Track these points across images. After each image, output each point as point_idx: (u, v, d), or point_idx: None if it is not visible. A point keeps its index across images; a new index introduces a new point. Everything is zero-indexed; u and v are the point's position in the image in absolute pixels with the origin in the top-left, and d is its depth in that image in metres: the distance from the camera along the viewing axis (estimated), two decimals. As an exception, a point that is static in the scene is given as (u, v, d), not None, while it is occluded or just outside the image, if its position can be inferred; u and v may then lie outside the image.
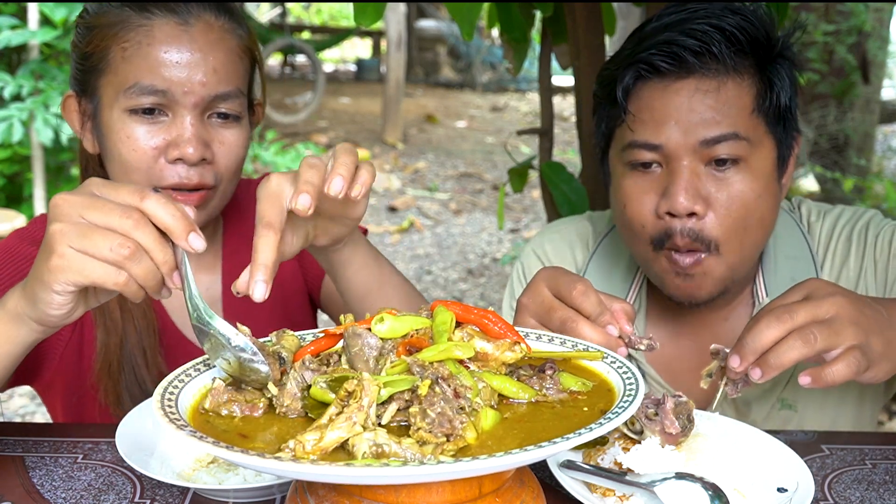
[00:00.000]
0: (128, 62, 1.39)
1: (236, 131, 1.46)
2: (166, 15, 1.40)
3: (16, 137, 4.95)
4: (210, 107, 1.42)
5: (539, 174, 2.47)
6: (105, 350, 1.50)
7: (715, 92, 1.33)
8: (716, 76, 1.33)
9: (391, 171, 9.35)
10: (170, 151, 1.40)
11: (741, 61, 1.35)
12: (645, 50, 1.35)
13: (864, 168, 6.61)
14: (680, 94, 1.34)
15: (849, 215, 1.55)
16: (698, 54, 1.33)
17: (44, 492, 1.15)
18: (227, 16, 1.45)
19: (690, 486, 1.02)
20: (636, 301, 1.58)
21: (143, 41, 1.39)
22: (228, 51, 1.43)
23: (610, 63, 1.45)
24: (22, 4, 5.46)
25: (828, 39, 6.45)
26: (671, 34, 1.34)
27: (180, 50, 1.39)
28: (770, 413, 1.50)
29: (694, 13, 1.35)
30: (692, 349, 1.55)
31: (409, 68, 13.65)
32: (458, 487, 0.85)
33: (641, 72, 1.36)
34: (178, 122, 1.40)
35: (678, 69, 1.33)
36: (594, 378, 0.99)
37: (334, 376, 0.88)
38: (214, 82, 1.41)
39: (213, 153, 1.43)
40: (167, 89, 1.38)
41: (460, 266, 6.65)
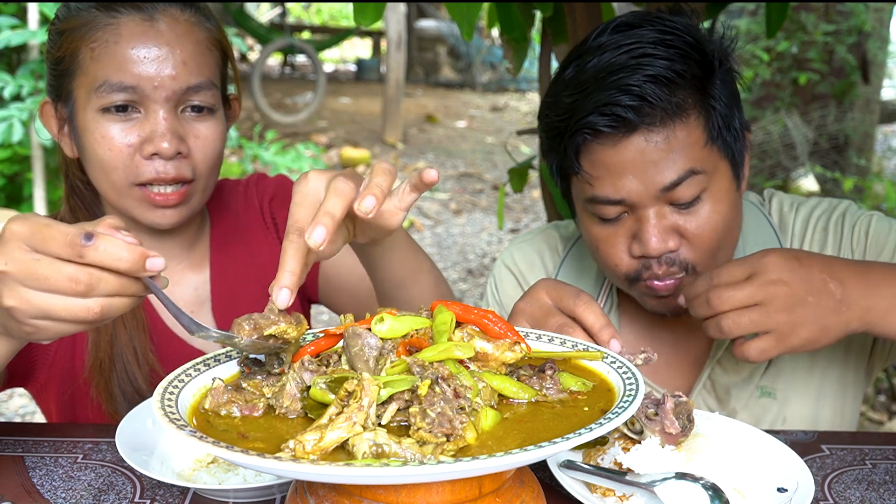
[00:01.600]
0: (97, 61, 1.40)
1: (211, 124, 1.47)
2: (132, 12, 1.41)
3: (16, 137, 4.95)
4: (182, 100, 1.43)
5: (539, 174, 2.47)
6: (96, 348, 1.50)
7: (664, 140, 1.32)
8: (662, 125, 1.32)
9: (391, 171, 9.34)
10: (145, 147, 1.41)
11: (682, 100, 1.32)
12: (585, 113, 1.32)
13: (864, 168, 6.61)
14: (630, 150, 1.32)
15: (824, 206, 1.57)
16: (639, 111, 1.30)
17: (44, 492, 1.15)
18: (192, 10, 1.46)
19: (690, 486, 1.02)
20: (607, 302, 1.61)
21: (109, 39, 1.40)
22: (196, 43, 1.44)
23: (549, 110, 1.42)
24: (22, 4, 5.46)
25: (828, 39, 6.45)
26: (609, 93, 1.30)
27: (147, 45, 1.40)
28: (749, 401, 1.52)
29: (624, 56, 1.32)
30: (669, 342, 1.58)
31: (409, 68, 13.66)
32: (458, 487, 0.85)
33: (587, 135, 1.34)
34: (152, 117, 1.41)
35: (623, 128, 1.32)
36: (594, 378, 0.99)
37: (334, 377, 0.88)
38: (185, 74, 1.41)
39: (189, 147, 1.44)
40: (136, 85, 1.39)
41: (460, 266, 6.65)
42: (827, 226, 1.54)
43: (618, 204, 1.36)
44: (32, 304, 0.92)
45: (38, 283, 0.91)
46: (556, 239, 1.71)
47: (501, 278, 1.71)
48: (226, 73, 1.55)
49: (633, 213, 1.37)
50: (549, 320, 1.22)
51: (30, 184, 5.65)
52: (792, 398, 1.51)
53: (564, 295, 1.23)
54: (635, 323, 1.60)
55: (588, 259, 1.66)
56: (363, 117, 12.12)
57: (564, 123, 1.37)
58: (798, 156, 6.33)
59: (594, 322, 1.18)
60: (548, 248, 1.71)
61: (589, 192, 1.38)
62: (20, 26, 5.29)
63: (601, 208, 1.38)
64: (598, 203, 1.37)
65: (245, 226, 1.71)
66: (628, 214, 1.38)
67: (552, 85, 1.44)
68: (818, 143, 6.47)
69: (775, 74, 6.64)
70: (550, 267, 1.69)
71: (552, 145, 1.43)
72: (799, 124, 6.38)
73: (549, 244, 1.71)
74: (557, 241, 1.71)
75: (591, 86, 1.33)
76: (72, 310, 0.92)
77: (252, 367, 0.98)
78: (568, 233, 1.72)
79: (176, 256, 1.61)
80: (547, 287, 1.27)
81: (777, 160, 6.36)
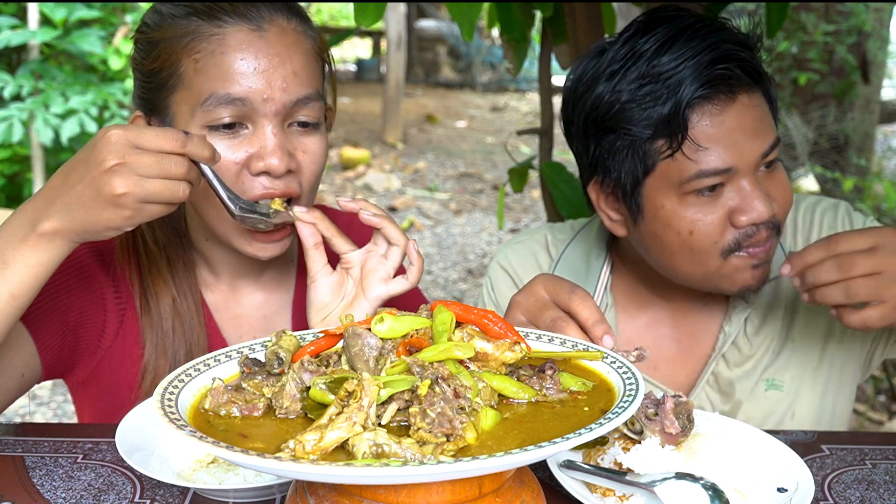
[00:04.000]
0: (201, 74, 1.32)
1: (317, 138, 1.40)
2: (238, 21, 1.32)
3: (16, 137, 4.96)
4: (290, 115, 1.35)
5: (539, 174, 2.47)
6: (153, 357, 1.47)
7: (759, 104, 1.38)
8: (754, 87, 1.38)
9: (391, 171, 9.35)
10: (253, 164, 1.33)
11: (758, 67, 1.39)
12: (691, 82, 1.33)
13: (864, 168, 6.61)
14: (734, 115, 1.35)
15: (824, 204, 1.60)
16: (742, 69, 1.35)
17: (44, 492, 1.15)
18: (297, 18, 1.39)
19: (690, 486, 1.02)
20: (603, 301, 1.61)
21: (216, 50, 1.31)
22: (304, 53, 1.37)
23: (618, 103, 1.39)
24: (22, 4, 5.46)
25: (828, 39, 6.45)
26: (707, 56, 1.33)
27: (257, 56, 1.31)
28: (755, 393, 1.52)
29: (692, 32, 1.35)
30: (671, 337, 1.58)
31: (409, 68, 13.66)
32: (458, 487, 0.85)
33: (694, 103, 1.34)
34: (259, 133, 1.33)
35: (729, 91, 1.35)
36: (594, 378, 0.99)
37: (333, 377, 0.88)
38: (295, 86, 1.34)
39: (298, 162, 1.37)
40: (246, 97, 1.31)
41: (460, 266, 6.65)
42: (834, 224, 1.56)
43: (724, 174, 1.36)
44: (145, 188, 1.11)
45: (151, 170, 1.11)
46: (550, 240, 1.72)
47: (497, 279, 1.72)
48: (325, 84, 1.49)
49: (730, 184, 1.38)
50: (543, 314, 1.23)
51: (30, 184, 5.66)
52: (801, 390, 1.52)
53: (560, 290, 1.24)
54: (635, 321, 1.60)
55: (582, 260, 1.66)
56: (363, 117, 12.12)
57: (658, 101, 1.35)
58: (798, 156, 6.33)
59: (588, 317, 1.18)
60: (542, 250, 1.71)
61: (693, 169, 1.36)
62: (20, 26, 5.30)
63: (703, 182, 1.36)
64: (705, 177, 1.36)
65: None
66: (726, 187, 1.38)
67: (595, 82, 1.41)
68: (818, 143, 6.47)
69: (775, 74, 6.64)
70: (545, 267, 1.69)
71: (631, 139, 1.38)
72: (799, 124, 6.38)
73: (542, 246, 1.72)
74: (551, 243, 1.71)
75: (673, 69, 1.34)
76: (173, 190, 1.13)
77: (252, 367, 0.98)
78: (562, 235, 1.72)
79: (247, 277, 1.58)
80: (545, 281, 1.27)
81: (777, 160, 6.35)
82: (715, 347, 1.54)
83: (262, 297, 1.59)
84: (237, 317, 1.57)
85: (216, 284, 1.56)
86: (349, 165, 9.33)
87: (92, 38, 5.23)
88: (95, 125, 5.11)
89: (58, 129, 5.03)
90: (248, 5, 1.34)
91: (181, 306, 1.49)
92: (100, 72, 5.79)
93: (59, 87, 5.20)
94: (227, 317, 1.56)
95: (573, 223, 1.74)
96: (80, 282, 1.45)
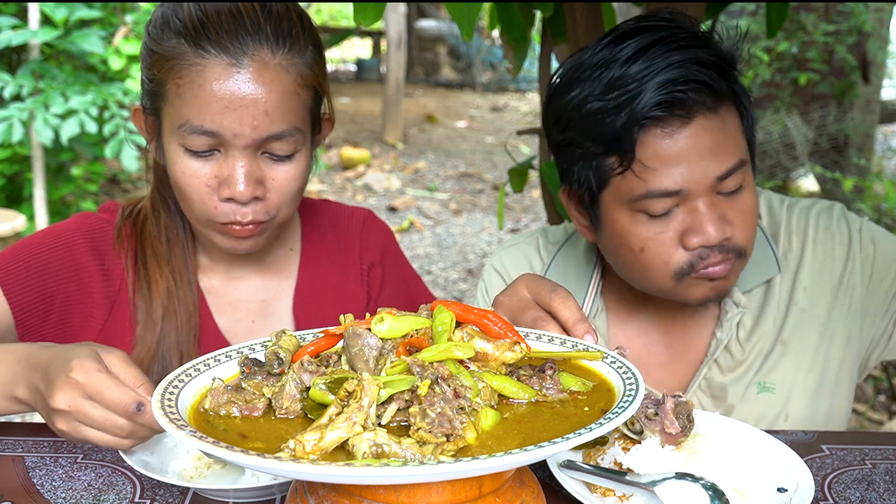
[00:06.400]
0: (181, 99, 1.36)
1: (291, 166, 1.42)
2: (220, 54, 1.34)
3: (16, 137, 4.95)
4: (262, 146, 1.39)
5: (539, 174, 2.47)
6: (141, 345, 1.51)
7: (718, 127, 1.34)
8: (714, 110, 1.33)
9: (391, 171, 9.35)
10: (221, 190, 1.39)
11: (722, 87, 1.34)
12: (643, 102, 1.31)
13: (864, 168, 6.60)
14: (687, 137, 1.32)
15: (819, 206, 1.59)
16: (697, 93, 1.31)
17: (44, 492, 1.15)
18: (285, 48, 1.38)
19: (690, 486, 1.02)
20: (594, 305, 1.61)
21: (195, 80, 1.35)
22: (283, 90, 1.37)
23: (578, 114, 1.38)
24: (22, 4, 5.46)
25: (828, 39, 6.44)
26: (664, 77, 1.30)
27: (231, 93, 1.34)
28: (747, 397, 1.52)
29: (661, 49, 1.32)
30: (662, 342, 1.58)
31: (409, 68, 13.66)
32: (458, 487, 0.85)
33: (644, 124, 1.32)
34: (231, 161, 1.38)
35: (682, 114, 1.32)
36: (594, 378, 0.99)
37: (333, 377, 0.88)
38: (266, 124, 1.36)
39: (266, 189, 1.41)
40: (217, 131, 1.35)
41: (460, 266, 6.65)
42: (830, 225, 1.56)
43: (674, 195, 1.35)
44: (80, 433, 1.15)
45: (92, 423, 1.14)
46: (542, 244, 1.72)
47: (491, 282, 1.73)
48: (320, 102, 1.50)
49: (684, 205, 1.36)
50: (525, 313, 1.23)
51: (30, 184, 5.65)
52: (793, 392, 1.52)
53: (542, 289, 1.24)
54: (626, 326, 1.60)
55: (574, 263, 1.66)
56: (363, 117, 12.11)
57: (613, 119, 1.33)
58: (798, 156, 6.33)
59: (569, 317, 1.18)
60: (535, 253, 1.72)
61: (641, 188, 1.35)
62: (20, 26, 5.29)
63: (653, 203, 1.35)
64: (653, 197, 1.35)
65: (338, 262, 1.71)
66: (678, 207, 1.37)
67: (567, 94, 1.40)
68: (818, 143, 6.47)
69: (775, 74, 6.64)
70: (538, 270, 1.69)
71: (587, 150, 1.39)
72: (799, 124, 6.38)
73: (536, 249, 1.72)
74: (543, 246, 1.72)
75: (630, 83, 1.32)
76: (112, 444, 1.16)
77: (252, 367, 0.98)
78: (555, 238, 1.73)
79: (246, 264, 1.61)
80: (527, 281, 1.28)
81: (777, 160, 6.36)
82: (707, 353, 1.54)
83: (260, 283, 1.63)
84: (234, 301, 1.60)
85: (213, 269, 1.60)
86: (349, 165, 9.33)
87: (92, 38, 5.23)
88: (95, 125, 5.11)
89: (58, 130, 5.03)
90: (234, 34, 1.35)
91: (176, 289, 1.53)
92: (100, 72, 5.79)
93: (60, 87, 5.20)
94: (223, 301, 1.60)
95: (567, 226, 1.74)
96: (69, 269, 1.50)
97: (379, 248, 1.74)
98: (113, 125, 5.14)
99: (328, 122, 1.57)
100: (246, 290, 1.62)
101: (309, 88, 1.43)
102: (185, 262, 1.55)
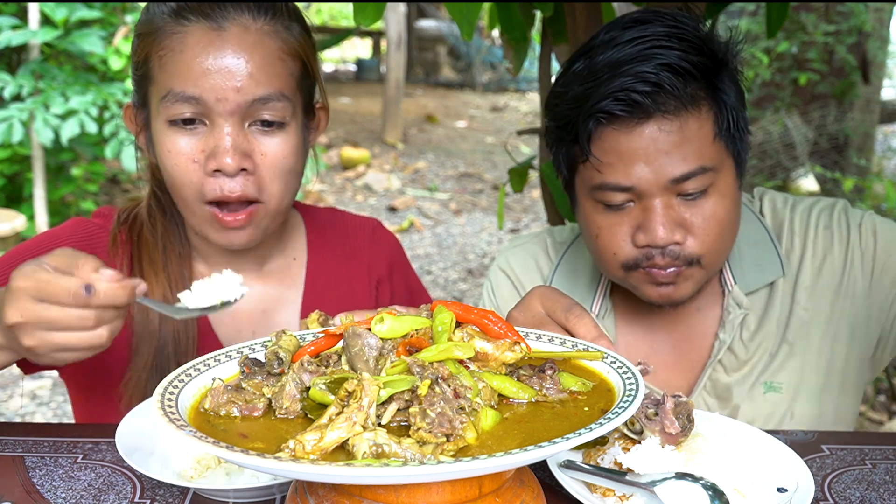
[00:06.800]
0: (163, 70, 1.35)
1: (281, 139, 1.39)
2: (200, 20, 1.35)
3: (16, 137, 4.96)
4: (250, 114, 1.36)
5: (539, 174, 2.47)
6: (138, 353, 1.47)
7: (678, 130, 1.33)
8: (675, 114, 1.33)
9: (391, 171, 9.35)
10: (207, 162, 1.35)
11: (694, 91, 1.34)
12: (600, 98, 1.33)
13: (864, 168, 6.60)
14: (643, 137, 1.33)
15: (822, 204, 1.59)
16: (654, 97, 1.31)
17: (44, 492, 1.15)
18: (267, 17, 1.38)
19: (690, 486, 1.02)
20: (602, 306, 1.61)
21: (176, 48, 1.34)
22: (267, 53, 1.36)
23: (558, 99, 1.42)
24: (22, 4, 5.46)
25: (828, 39, 6.44)
26: (624, 80, 1.31)
27: (213, 56, 1.33)
28: (753, 396, 1.52)
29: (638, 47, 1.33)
30: (667, 343, 1.58)
31: (409, 68, 13.66)
32: (458, 487, 0.85)
33: (601, 119, 1.34)
34: (216, 131, 1.35)
35: (638, 114, 1.32)
36: (594, 378, 0.99)
37: (333, 377, 0.88)
38: (250, 86, 1.34)
39: (255, 163, 1.37)
40: (199, 96, 1.33)
41: (460, 266, 6.65)
42: (830, 224, 1.55)
43: (626, 191, 1.36)
44: (50, 342, 1.06)
45: (52, 325, 1.05)
46: (550, 244, 1.72)
47: (498, 283, 1.72)
48: (310, 84, 1.48)
49: (640, 202, 1.37)
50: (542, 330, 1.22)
51: (30, 184, 5.66)
52: (800, 391, 1.52)
53: (557, 306, 1.23)
54: (633, 326, 1.60)
55: (582, 263, 1.66)
56: (363, 117, 12.11)
57: (576, 110, 1.36)
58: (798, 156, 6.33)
59: (586, 334, 1.18)
60: (542, 253, 1.72)
61: (598, 179, 1.37)
62: (21, 26, 5.29)
63: (608, 195, 1.38)
64: (607, 190, 1.37)
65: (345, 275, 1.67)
66: (634, 203, 1.38)
67: (560, 76, 1.44)
68: (818, 143, 6.47)
69: (775, 74, 6.65)
70: (546, 271, 1.69)
71: (560, 134, 1.43)
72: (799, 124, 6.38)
73: (543, 249, 1.72)
74: (551, 246, 1.72)
75: (604, 74, 1.33)
76: (86, 340, 1.07)
77: (252, 367, 0.98)
78: (562, 238, 1.73)
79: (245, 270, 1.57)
80: (541, 296, 1.27)
81: (777, 160, 6.36)
82: (711, 354, 1.54)
83: (260, 292, 1.60)
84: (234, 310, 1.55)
85: None
86: (349, 165, 9.33)
87: (92, 38, 5.24)
88: (95, 125, 5.11)
89: (58, 130, 5.03)
90: (214, 4, 1.36)
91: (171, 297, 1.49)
92: (100, 72, 5.79)
93: (60, 87, 5.20)
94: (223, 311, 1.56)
95: (573, 226, 1.74)
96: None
97: (387, 263, 1.71)
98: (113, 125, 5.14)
99: (322, 110, 1.55)
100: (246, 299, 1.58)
101: (295, 58, 1.41)
102: (182, 270, 1.52)
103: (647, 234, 1.36)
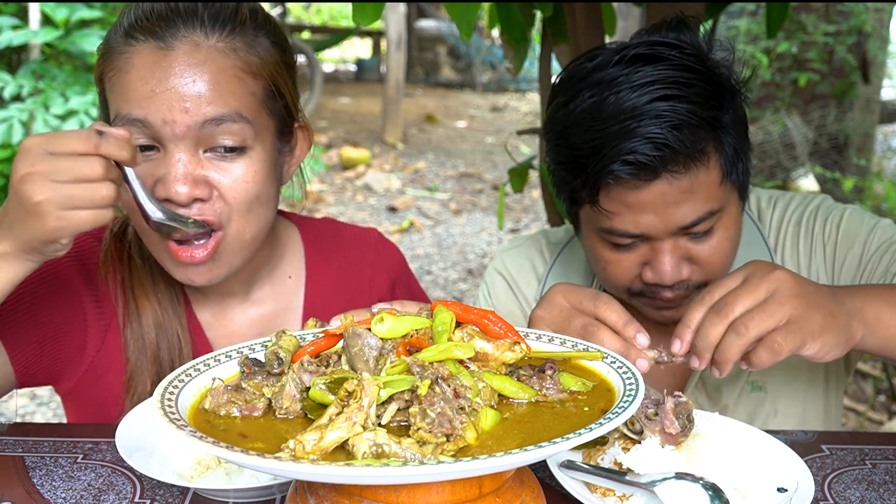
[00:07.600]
0: (112, 92, 1.30)
1: (243, 164, 1.30)
2: (148, 39, 1.27)
3: (16, 138, 4.95)
4: (205, 139, 1.27)
5: (539, 174, 2.48)
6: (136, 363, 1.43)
7: (687, 184, 1.32)
8: (685, 169, 1.31)
9: (391, 171, 9.35)
10: (157, 190, 1.26)
11: (703, 143, 1.31)
12: (608, 161, 1.30)
13: (864, 168, 6.61)
14: (652, 192, 1.32)
15: (798, 200, 1.60)
16: (663, 159, 1.29)
17: (44, 492, 1.15)
18: (223, 33, 1.29)
19: (690, 486, 1.02)
20: None
21: (122, 69, 1.28)
22: (219, 72, 1.27)
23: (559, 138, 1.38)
24: (23, 4, 5.46)
25: (828, 39, 6.45)
26: (633, 143, 1.28)
27: (158, 76, 1.25)
28: (741, 396, 1.54)
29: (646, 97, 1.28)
30: (662, 342, 1.57)
31: (409, 68, 13.65)
32: (458, 487, 0.85)
33: (609, 181, 1.32)
34: (168, 158, 1.26)
35: (647, 175, 1.31)
36: (594, 378, 0.99)
37: (333, 377, 0.88)
38: (200, 107, 1.25)
39: (211, 191, 1.28)
40: (144, 118, 1.25)
41: (460, 266, 6.65)
42: (800, 220, 1.57)
43: (635, 237, 1.37)
44: (60, 193, 1.07)
45: (64, 174, 1.07)
46: (545, 245, 1.73)
47: (494, 284, 1.73)
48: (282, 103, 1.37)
49: (648, 243, 1.38)
50: (571, 322, 1.24)
51: (30, 184, 5.65)
52: (781, 390, 1.54)
53: (583, 298, 1.24)
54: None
55: (576, 264, 1.68)
56: (363, 117, 12.11)
57: (582, 161, 1.34)
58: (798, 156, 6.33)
59: (617, 320, 1.20)
60: (537, 254, 1.73)
61: (605, 224, 1.38)
62: (21, 26, 5.29)
63: (616, 238, 1.39)
64: (615, 235, 1.38)
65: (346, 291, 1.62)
66: (642, 242, 1.39)
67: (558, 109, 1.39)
68: (818, 143, 6.47)
69: (775, 74, 6.65)
70: (541, 271, 1.70)
71: (564, 177, 1.41)
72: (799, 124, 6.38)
73: (538, 250, 1.73)
74: (546, 247, 1.73)
75: (612, 125, 1.30)
76: (92, 192, 1.09)
77: (252, 367, 0.98)
78: (556, 239, 1.74)
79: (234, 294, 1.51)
80: (563, 291, 1.28)
81: (777, 160, 6.36)
82: None
83: (254, 314, 1.54)
84: (231, 334, 1.53)
85: (205, 302, 1.51)
86: (349, 165, 9.33)
87: (93, 38, 5.23)
88: (95, 125, 5.11)
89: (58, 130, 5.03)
90: (165, 20, 1.28)
91: (165, 322, 1.44)
92: (100, 72, 5.79)
93: (60, 87, 5.20)
94: (221, 335, 1.52)
95: (568, 227, 1.75)
96: (60, 294, 1.42)
97: (389, 277, 1.66)
98: (113, 125, 5.14)
99: (303, 130, 1.45)
100: (241, 322, 1.53)
101: (258, 77, 1.32)
102: (172, 295, 1.46)
103: (654, 273, 1.38)
